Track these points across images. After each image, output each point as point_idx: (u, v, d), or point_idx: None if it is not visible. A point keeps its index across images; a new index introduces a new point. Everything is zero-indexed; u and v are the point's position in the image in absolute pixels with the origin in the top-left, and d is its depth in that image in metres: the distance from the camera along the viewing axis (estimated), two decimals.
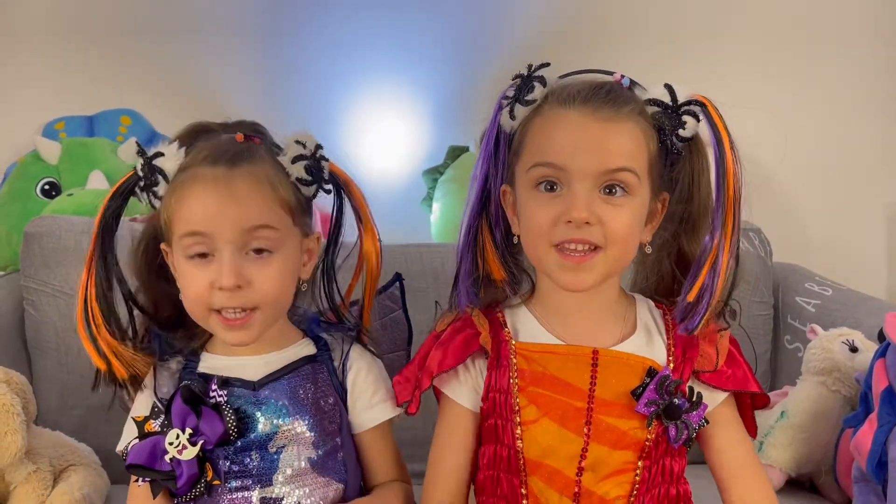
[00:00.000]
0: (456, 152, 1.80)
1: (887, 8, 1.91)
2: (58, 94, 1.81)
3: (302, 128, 0.89)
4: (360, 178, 1.85)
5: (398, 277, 0.98)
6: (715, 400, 0.83)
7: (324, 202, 0.93)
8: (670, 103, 0.79)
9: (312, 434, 0.84)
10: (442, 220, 1.75)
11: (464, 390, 0.84)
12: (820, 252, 1.84)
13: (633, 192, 0.78)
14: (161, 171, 0.81)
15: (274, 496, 0.82)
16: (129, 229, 0.95)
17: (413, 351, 0.95)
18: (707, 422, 0.80)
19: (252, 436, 0.82)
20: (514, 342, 0.82)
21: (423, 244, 1.56)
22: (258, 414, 0.83)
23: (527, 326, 0.84)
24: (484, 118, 0.90)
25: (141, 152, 0.83)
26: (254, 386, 0.84)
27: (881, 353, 1.10)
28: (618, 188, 0.77)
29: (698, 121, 0.79)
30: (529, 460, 0.80)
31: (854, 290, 1.52)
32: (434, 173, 1.82)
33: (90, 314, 0.85)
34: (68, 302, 1.42)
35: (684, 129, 0.79)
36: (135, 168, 0.84)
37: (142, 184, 0.83)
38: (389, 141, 1.86)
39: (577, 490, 0.79)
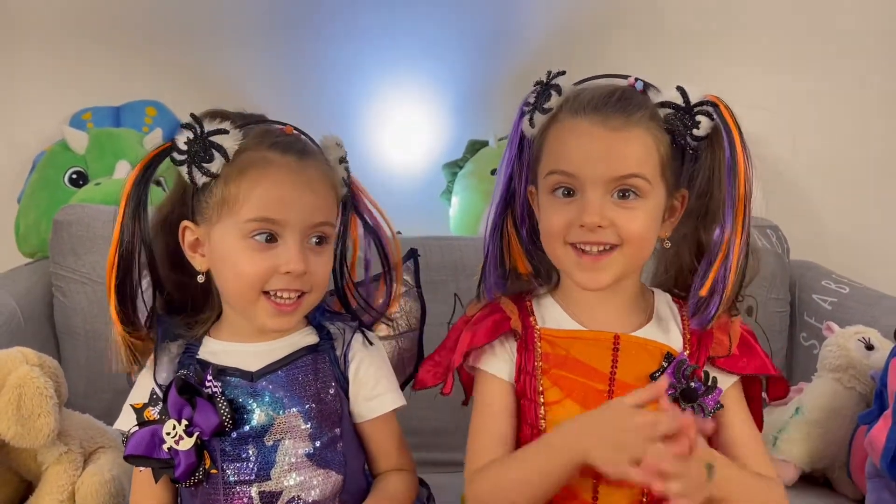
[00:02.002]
0: (475, 146, 1.82)
1: None
2: (85, 85, 1.83)
3: (324, 123, 0.92)
4: (381, 171, 1.90)
5: (413, 253, 0.98)
6: (728, 382, 0.86)
7: None
8: (683, 104, 0.82)
9: (309, 426, 0.83)
10: (461, 213, 1.77)
11: (500, 363, 0.87)
12: (837, 250, 1.84)
13: (645, 196, 0.81)
14: (220, 149, 0.80)
15: (272, 490, 0.82)
16: None
17: (427, 330, 0.97)
18: (722, 405, 0.83)
19: (247, 427, 0.82)
20: (538, 327, 0.86)
21: (442, 237, 1.58)
22: (254, 405, 0.83)
23: (552, 314, 0.88)
24: (503, 113, 0.93)
25: (195, 125, 0.80)
26: (251, 377, 0.84)
27: None
28: (630, 192, 0.81)
29: (712, 120, 0.82)
30: None
31: (871, 289, 1.52)
32: (453, 167, 1.83)
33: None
34: (96, 289, 1.45)
35: (698, 128, 0.81)
36: (173, 140, 0.81)
37: (182, 157, 0.81)
38: (409, 134, 1.88)
39: (596, 469, 0.80)
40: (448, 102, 1.88)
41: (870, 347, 1.25)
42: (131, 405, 0.84)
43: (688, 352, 0.84)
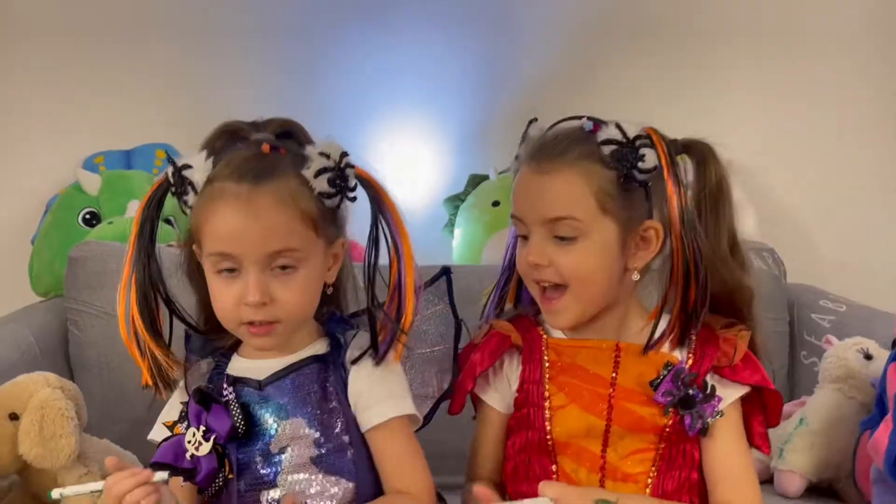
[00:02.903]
0: (476, 180, 1.87)
1: None
2: (96, 129, 1.89)
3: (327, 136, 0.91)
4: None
5: (446, 271, 0.98)
6: (730, 396, 0.88)
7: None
8: (623, 140, 0.84)
9: (314, 432, 0.84)
10: (464, 244, 1.81)
11: (494, 394, 0.94)
12: (833, 271, 1.88)
13: (582, 235, 0.84)
14: (190, 183, 0.81)
15: (280, 497, 0.84)
16: (167, 254, 0.94)
17: (461, 346, 0.99)
18: (722, 413, 0.86)
19: (260, 432, 0.84)
20: (545, 337, 0.91)
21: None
22: (264, 412, 0.85)
23: (554, 330, 0.93)
24: (504, 147, 0.98)
25: (170, 160, 0.83)
26: (259, 385, 0.86)
27: (894, 357, 1.14)
28: (562, 234, 0.85)
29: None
30: (558, 442, 0.87)
31: (867, 306, 1.56)
32: (455, 200, 1.88)
33: (133, 324, 0.86)
34: (110, 322, 1.48)
35: (644, 161, 0.83)
36: (166, 174, 0.84)
37: (173, 189, 0.83)
38: (412, 169, 1.93)
39: (602, 465, 0.86)
40: (449, 138, 1.94)
41: (868, 357, 1.28)
42: (164, 423, 0.87)
43: (690, 361, 0.87)
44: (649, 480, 0.85)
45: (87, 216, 1.72)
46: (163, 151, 1.88)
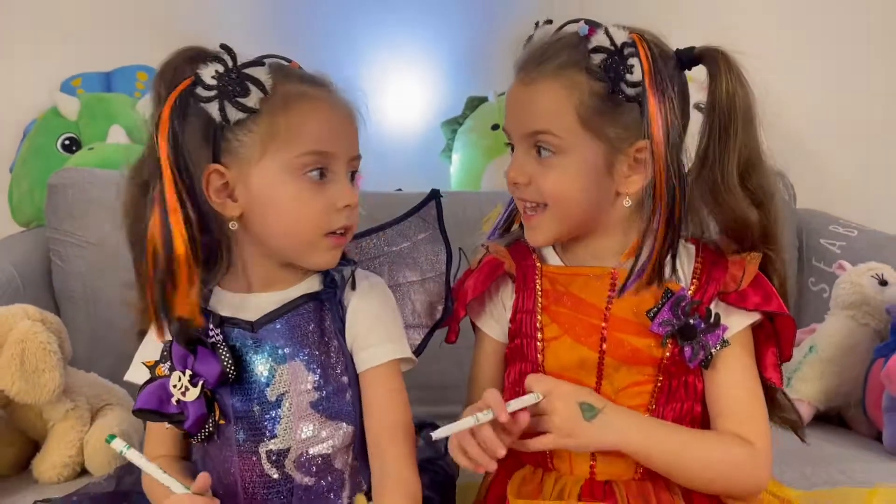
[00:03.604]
0: (474, 103, 1.80)
1: None
2: (74, 51, 1.80)
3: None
4: (380, 131, 1.88)
5: (435, 194, 0.93)
6: (737, 324, 0.81)
7: None
8: (612, 47, 0.77)
9: (313, 375, 0.80)
10: (462, 170, 1.75)
11: (491, 321, 0.90)
12: (843, 197, 1.83)
13: (561, 152, 0.78)
14: (258, 82, 0.75)
15: (280, 448, 0.79)
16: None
17: (453, 272, 0.94)
18: (728, 343, 0.79)
19: (251, 379, 0.79)
20: (540, 265, 0.86)
21: (444, 192, 1.55)
22: (256, 357, 0.79)
23: (551, 254, 0.87)
24: (502, 68, 0.90)
25: (227, 57, 0.75)
26: (252, 327, 0.80)
27: None
28: (543, 149, 0.79)
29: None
30: (551, 373, 0.82)
31: (880, 231, 1.52)
32: (453, 124, 1.81)
33: (185, 253, 0.75)
34: (94, 252, 1.43)
35: (631, 73, 0.76)
36: (195, 76, 0.75)
37: (210, 93, 0.74)
38: (408, 93, 1.85)
39: None
40: (446, 60, 1.86)
41: (883, 283, 1.24)
42: (143, 363, 0.81)
43: (693, 288, 0.81)
44: (647, 414, 0.80)
45: (67, 142, 1.65)
46: (144, 73, 1.79)
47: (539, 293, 0.85)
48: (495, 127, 1.71)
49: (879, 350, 1.13)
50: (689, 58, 0.81)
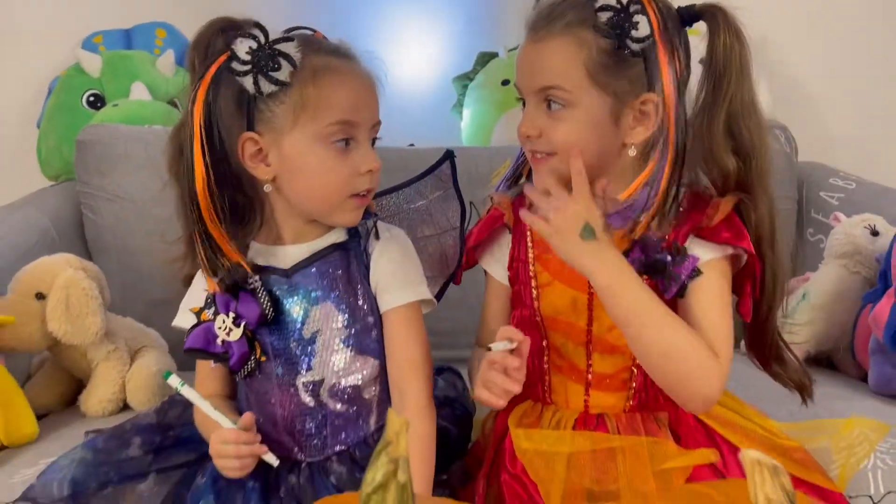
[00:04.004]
0: (485, 58, 1.82)
1: None
2: (94, 8, 1.84)
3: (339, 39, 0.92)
4: (391, 87, 1.91)
5: (449, 155, 1.01)
6: (708, 255, 0.84)
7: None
8: (618, 5, 0.81)
9: (343, 315, 0.87)
10: (473, 125, 1.79)
11: (496, 265, 0.97)
12: (845, 150, 1.87)
13: (571, 105, 0.83)
14: (288, 56, 0.80)
15: (315, 380, 0.87)
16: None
17: (466, 224, 1.01)
18: (700, 272, 0.82)
19: (287, 320, 0.87)
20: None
21: (456, 147, 1.60)
22: (291, 300, 0.87)
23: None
24: (513, 23, 0.94)
25: (259, 34, 0.80)
26: (286, 273, 0.87)
27: None
28: (553, 103, 0.84)
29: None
30: (546, 317, 0.90)
31: (877, 183, 1.56)
32: (464, 80, 1.84)
33: (205, 216, 0.83)
34: (124, 206, 1.50)
35: (637, 29, 0.80)
36: (230, 51, 0.81)
37: (245, 67, 0.80)
38: (420, 49, 1.88)
39: (588, 339, 0.88)
40: (456, 16, 1.88)
41: (875, 233, 1.29)
42: (189, 309, 0.89)
43: (669, 229, 0.84)
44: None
45: (91, 98, 1.70)
46: (163, 30, 1.83)
47: (530, 243, 0.91)
48: (505, 82, 1.74)
49: (867, 296, 1.20)
50: (689, 14, 0.85)
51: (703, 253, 0.84)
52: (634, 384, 0.88)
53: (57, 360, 1.19)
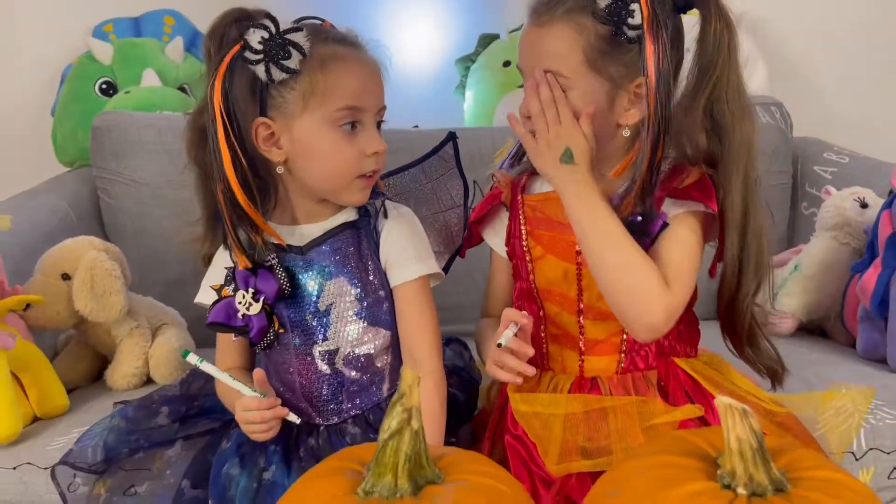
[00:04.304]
0: (487, 40, 1.86)
1: None
2: None
3: (336, 24, 0.95)
4: (395, 69, 1.94)
5: (452, 136, 1.06)
6: (677, 209, 0.88)
7: None
8: None
9: (355, 289, 0.92)
10: (476, 106, 1.83)
11: (497, 239, 1.03)
12: (843, 127, 1.89)
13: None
14: (298, 46, 0.85)
15: (330, 349, 0.93)
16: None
17: (469, 202, 1.07)
18: (668, 224, 0.87)
19: (303, 294, 0.92)
20: (521, 196, 0.97)
21: (459, 128, 1.64)
22: (307, 276, 0.92)
23: (538, 184, 0.99)
24: (514, 4, 0.98)
25: (270, 25, 0.85)
26: (301, 250, 0.92)
27: (888, 204, 1.21)
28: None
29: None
30: (541, 289, 0.95)
31: (870, 157, 1.60)
32: (466, 61, 1.88)
33: (237, 195, 0.88)
34: (140, 189, 1.55)
35: (633, 17, 0.84)
36: (243, 41, 0.86)
37: (257, 56, 0.85)
38: (423, 32, 1.92)
39: (580, 307, 0.93)
40: None
41: (864, 206, 1.34)
42: (210, 286, 0.94)
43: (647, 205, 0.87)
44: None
45: (104, 86, 1.75)
46: (171, 18, 1.87)
47: (523, 220, 0.96)
48: (507, 63, 1.78)
49: (855, 266, 1.24)
50: (683, 2, 0.89)
51: (673, 209, 0.89)
52: (625, 347, 0.93)
53: (82, 337, 1.25)
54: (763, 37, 1.83)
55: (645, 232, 0.87)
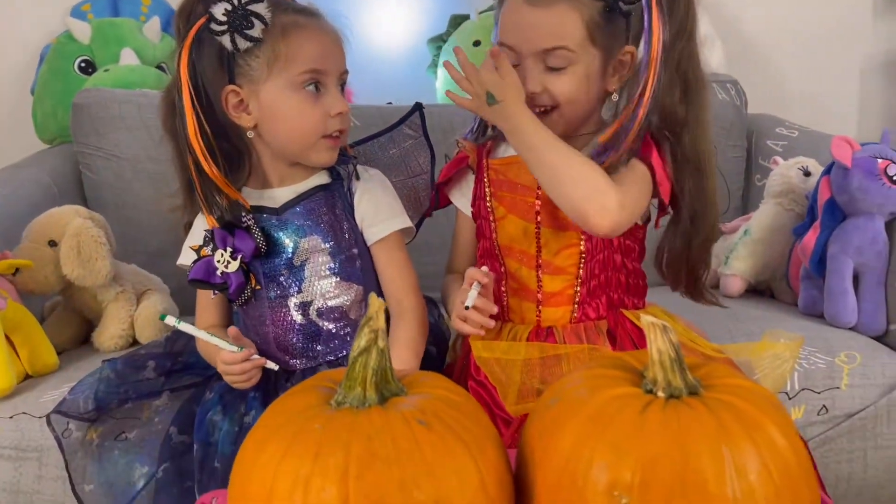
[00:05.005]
0: (457, 20, 1.92)
1: None
2: None
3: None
4: (370, 48, 2.00)
5: (418, 107, 1.13)
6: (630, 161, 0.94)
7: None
8: None
9: (328, 245, 0.99)
10: (447, 84, 1.89)
11: (463, 199, 1.09)
12: (797, 104, 2.00)
13: (573, 62, 0.93)
14: (259, 16, 0.92)
15: (305, 301, 0.99)
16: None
17: (437, 171, 1.14)
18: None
19: (280, 250, 0.98)
20: (486, 160, 1.04)
21: (432, 104, 1.71)
22: (282, 234, 0.99)
23: (502, 148, 1.05)
24: None
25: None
26: (276, 211, 0.99)
27: (826, 171, 1.30)
28: (554, 61, 0.93)
29: None
30: (503, 246, 1.03)
31: (818, 131, 1.70)
32: (438, 41, 1.94)
33: (200, 159, 0.94)
34: (120, 163, 1.60)
35: None
36: (209, 14, 0.92)
37: (222, 27, 0.91)
38: (396, 13, 1.98)
39: (538, 263, 1.01)
40: None
41: (807, 174, 1.43)
42: (190, 247, 1.01)
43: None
44: (579, 270, 0.99)
45: (83, 64, 1.78)
46: None
47: (487, 183, 1.03)
48: (477, 43, 1.84)
49: (796, 229, 1.33)
50: None
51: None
52: (578, 298, 1.00)
53: (69, 302, 1.31)
54: (720, 17, 1.92)
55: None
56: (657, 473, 0.50)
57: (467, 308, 0.93)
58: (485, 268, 0.96)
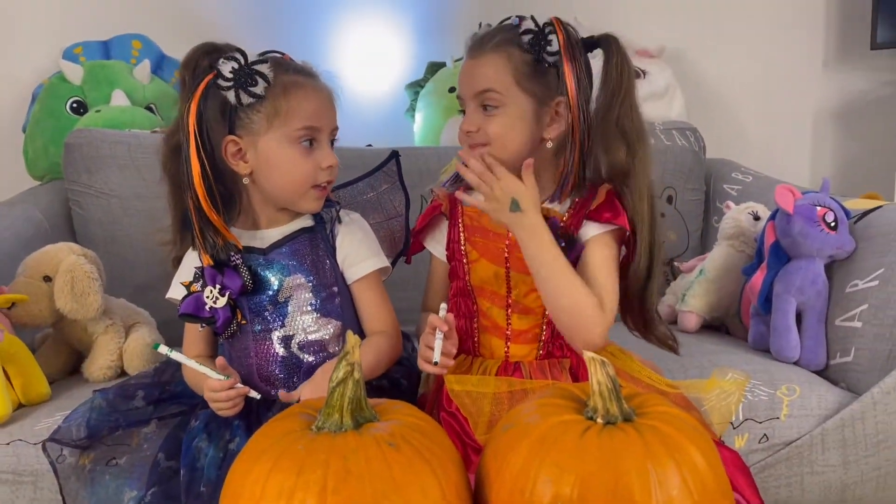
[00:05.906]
0: (434, 68, 2.03)
1: None
2: (74, 21, 1.99)
3: (295, 51, 1.10)
4: (351, 93, 2.10)
5: (394, 154, 1.23)
6: (593, 231, 1.05)
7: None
8: (535, 28, 1.04)
9: (311, 283, 1.06)
10: (424, 128, 1.99)
11: (437, 245, 1.18)
12: (754, 150, 2.13)
13: (502, 104, 1.04)
14: (263, 75, 1.00)
15: (287, 335, 1.07)
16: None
17: (411, 215, 1.23)
18: (584, 246, 1.05)
19: (266, 287, 1.06)
20: (461, 207, 1.14)
21: (409, 147, 1.82)
22: (268, 273, 1.06)
23: (475, 194, 1.13)
24: (459, 35, 1.16)
25: (239, 57, 1.00)
26: (264, 252, 1.07)
27: (772, 217, 1.41)
28: (488, 105, 1.05)
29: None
30: (475, 287, 1.12)
31: (771, 177, 1.81)
32: (415, 87, 2.04)
33: (202, 203, 1.01)
34: (109, 201, 1.67)
35: (551, 45, 1.03)
36: (216, 70, 1.00)
37: (228, 84, 1.00)
38: (377, 57, 2.09)
39: (508, 303, 1.10)
40: (411, 27, 2.09)
41: (757, 218, 1.54)
42: (181, 283, 1.08)
43: (568, 215, 1.06)
44: (545, 312, 1.07)
45: (74, 105, 1.85)
46: (139, 42, 1.99)
47: (462, 228, 1.13)
48: (452, 89, 1.94)
49: (745, 270, 1.43)
50: (590, 42, 1.08)
51: (591, 230, 1.06)
52: (543, 337, 1.09)
53: (60, 334, 1.36)
54: (680, 69, 2.04)
55: (567, 254, 1.03)
56: (592, 488, 0.59)
57: (435, 364, 1.00)
58: (443, 309, 1.02)
